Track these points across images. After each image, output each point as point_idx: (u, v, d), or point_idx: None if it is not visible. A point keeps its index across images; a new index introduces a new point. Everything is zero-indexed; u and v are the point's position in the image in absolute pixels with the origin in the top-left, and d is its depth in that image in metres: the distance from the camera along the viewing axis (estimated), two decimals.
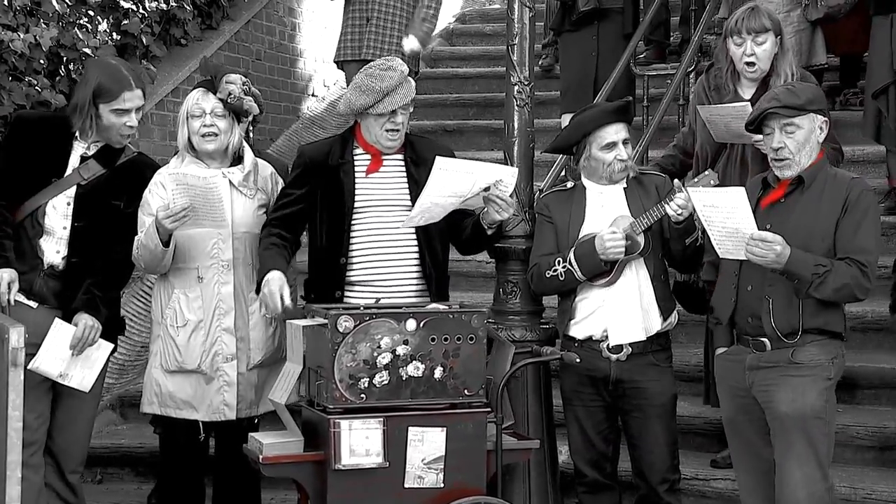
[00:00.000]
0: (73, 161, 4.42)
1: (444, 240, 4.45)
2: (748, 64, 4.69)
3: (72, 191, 4.39)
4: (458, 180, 4.14)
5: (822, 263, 3.90)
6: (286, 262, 4.34)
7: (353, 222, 4.34)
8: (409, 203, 4.31)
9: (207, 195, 4.25)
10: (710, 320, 4.38)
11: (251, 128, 5.00)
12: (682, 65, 6.73)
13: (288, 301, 4.21)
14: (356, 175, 4.38)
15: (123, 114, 4.35)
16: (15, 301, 4.25)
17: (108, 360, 4.47)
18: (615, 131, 4.35)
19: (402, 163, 4.43)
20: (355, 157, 4.41)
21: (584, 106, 6.52)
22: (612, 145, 4.34)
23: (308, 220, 4.45)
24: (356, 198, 4.35)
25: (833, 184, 4.05)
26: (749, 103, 4.56)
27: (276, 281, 4.20)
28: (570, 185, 4.52)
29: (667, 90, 6.71)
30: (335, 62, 7.17)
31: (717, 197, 3.95)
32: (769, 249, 3.86)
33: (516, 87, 4.61)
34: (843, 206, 3.99)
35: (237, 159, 4.57)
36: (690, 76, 6.78)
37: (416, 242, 4.37)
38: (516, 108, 4.62)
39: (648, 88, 7.04)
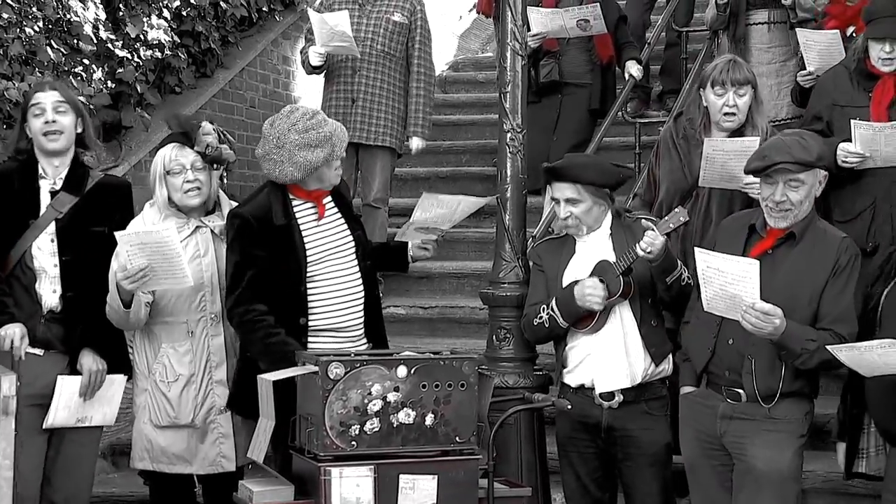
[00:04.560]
0: (45, 199, 4.43)
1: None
2: (728, 115, 4.70)
3: (52, 227, 4.40)
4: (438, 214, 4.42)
5: (812, 338, 3.88)
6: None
7: (308, 275, 4.30)
8: (353, 244, 4.38)
9: (164, 251, 4.14)
10: (678, 356, 4.35)
11: (225, 174, 4.88)
12: (672, 112, 6.77)
13: None
14: (303, 230, 4.34)
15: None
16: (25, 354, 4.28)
17: (123, 391, 4.48)
18: (558, 189, 4.36)
19: (334, 205, 4.44)
20: (296, 212, 4.36)
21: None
22: (556, 201, 4.38)
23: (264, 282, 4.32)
24: (308, 252, 4.31)
25: (823, 242, 4.04)
26: (758, 139, 4.56)
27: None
28: (563, 233, 4.53)
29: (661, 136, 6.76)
30: None
31: (725, 263, 3.86)
32: (768, 322, 3.81)
33: (509, 135, 4.63)
34: (832, 268, 3.98)
35: (212, 207, 4.53)
36: None
37: (361, 284, 4.38)
38: (509, 154, 4.64)
39: (640, 136, 7.09)
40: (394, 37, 6.51)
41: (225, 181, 4.97)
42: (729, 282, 3.83)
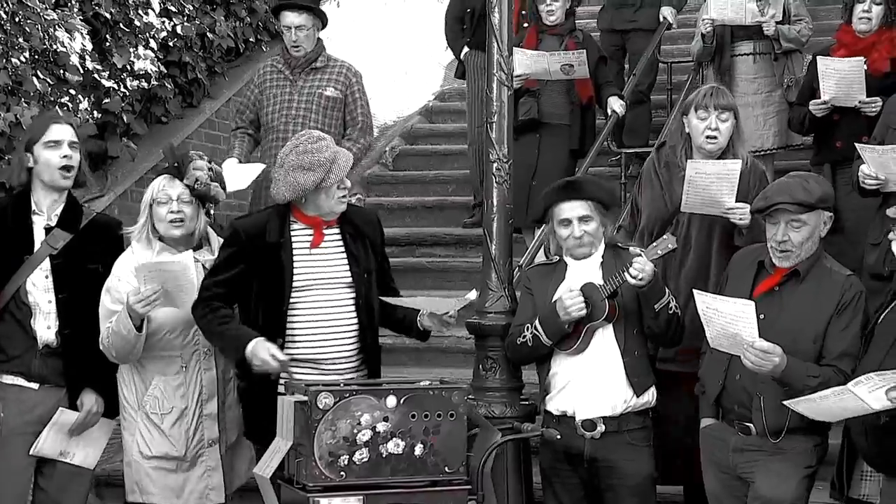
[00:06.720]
0: (39, 235, 4.43)
1: (377, 315, 4.46)
2: (710, 138, 4.69)
3: (47, 263, 4.40)
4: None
5: (814, 374, 3.91)
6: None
7: (291, 301, 4.30)
8: (350, 279, 4.35)
9: (180, 278, 4.19)
10: (697, 388, 4.38)
11: (211, 209, 4.85)
12: (658, 142, 6.81)
13: (282, 356, 4.17)
14: (294, 253, 4.34)
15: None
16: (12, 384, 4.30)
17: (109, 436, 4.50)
18: (570, 208, 4.37)
19: (340, 237, 4.41)
20: (293, 234, 4.36)
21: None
22: (566, 222, 4.39)
23: (240, 298, 4.36)
24: (295, 276, 4.31)
25: (829, 281, 4.07)
26: (740, 162, 4.57)
27: (261, 347, 4.15)
28: (554, 259, 4.54)
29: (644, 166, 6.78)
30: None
31: (723, 304, 3.92)
32: (767, 360, 3.86)
33: (495, 164, 4.64)
34: (836, 305, 4.01)
35: (199, 242, 4.53)
36: None
37: (356, 318, 4.37)
38: (495, 184, 4.64)
39: (625, 167, 7.12)
40: (327, 112, 6.22)
41: (213, 215, 4.96)
42: (728, 322, 3.89)
